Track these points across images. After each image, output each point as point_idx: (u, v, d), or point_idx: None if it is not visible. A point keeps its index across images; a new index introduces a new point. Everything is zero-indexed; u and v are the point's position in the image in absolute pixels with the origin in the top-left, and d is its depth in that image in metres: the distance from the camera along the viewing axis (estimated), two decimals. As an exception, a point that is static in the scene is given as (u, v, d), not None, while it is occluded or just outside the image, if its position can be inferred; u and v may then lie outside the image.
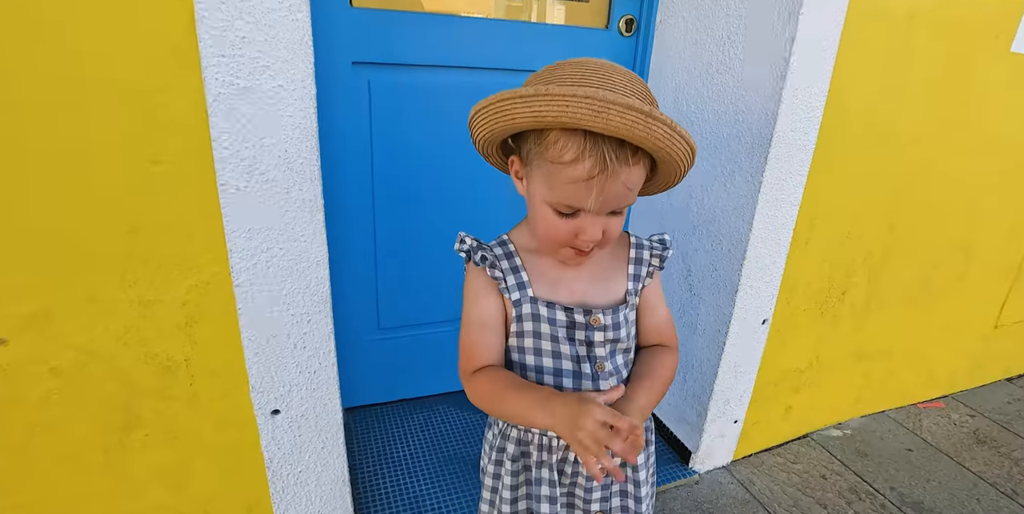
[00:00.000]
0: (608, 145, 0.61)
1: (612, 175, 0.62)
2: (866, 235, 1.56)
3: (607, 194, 0.64)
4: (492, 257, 0.75)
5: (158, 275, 0.86)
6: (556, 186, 0.65)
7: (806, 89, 1.23)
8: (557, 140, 0.63)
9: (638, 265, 0.81)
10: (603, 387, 0.78)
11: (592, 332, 0.76)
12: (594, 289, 0.78)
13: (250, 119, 0.81)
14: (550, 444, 0.80)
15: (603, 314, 0.75)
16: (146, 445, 0.97)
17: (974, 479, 1.68)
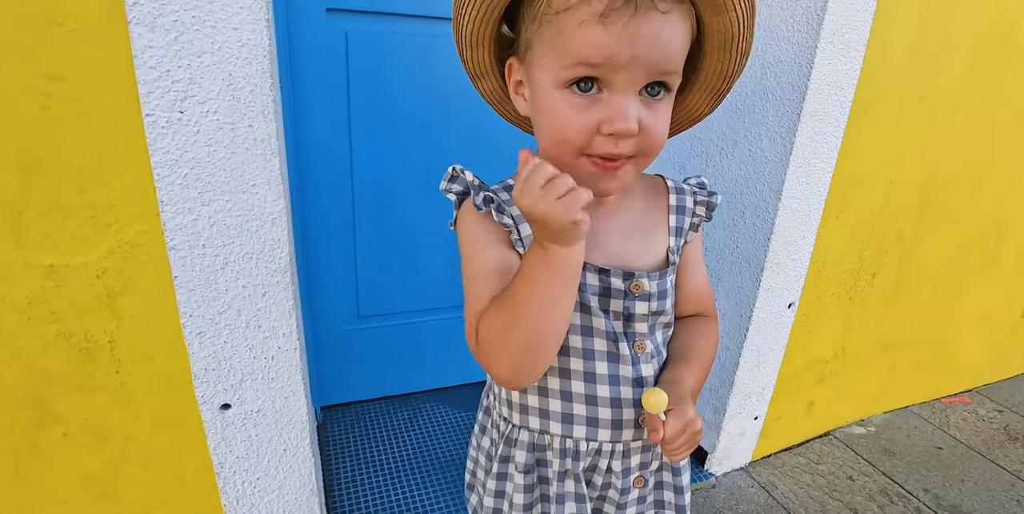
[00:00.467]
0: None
1: (645, 9, 0.45)
2: (898, 212, 1.41)
3: (644, 39, 0.46)
4: (499, 199, 0.56)
5: (64, 232, 0.67)
6: (567, 41, 0.48)
7: (843, 36, 1.08)
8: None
9: (680, 215, 0.64)
10: (644, 373, 0.61)
11: (633, 302, 0.59)
12: (630, 246, 0.61)
13: (183, 29, 0.64)
14: (576, 448, 0.62)
15: (647, 278, 0.58)
16: (65, 447, 0.78)
17: (1011, 479, 1.54)
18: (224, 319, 0.78)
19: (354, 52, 1.23)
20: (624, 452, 0.63)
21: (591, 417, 0.61)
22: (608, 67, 0.47)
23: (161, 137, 0.67)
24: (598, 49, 0.46)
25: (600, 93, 0.49)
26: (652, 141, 0.51)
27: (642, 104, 0.50)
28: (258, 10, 0.67)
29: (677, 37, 0.48)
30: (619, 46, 0.46)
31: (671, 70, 0.49)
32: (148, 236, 0.71)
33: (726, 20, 0.50)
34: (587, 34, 0.46)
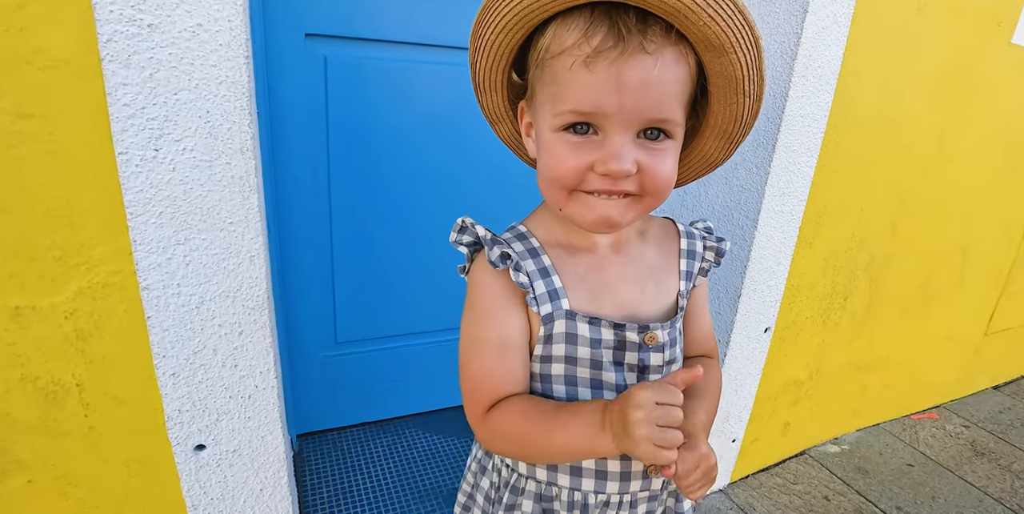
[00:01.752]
0: (623, 14, 0.46)
1: (631, 53, 0.46)
2: (869, 238, 1.45)
3: (630, 83, 0.46)
4: (516, 256, 0.56)
5: (30, 273, 0.65)
6: (559, 88, 0.48)
7: (816, 69, 1.11)
8: (557, 28, 0.48)
9: (691, 260, 0.64)
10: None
11: (648, 353, 0.58)
12: (644, 295, 0.61)
13: (159, 67, 0.62)
14: (584, 500, 0.61)
15: (660, 329, 0.58)
16: (30, 495, 0.75)
17: (979, 495, 1.58)
18: (199, 359, 0.75)
19: (332, 76, 1.22)
20: (631, 503, 0.63)
21: (600, 470, 0.61)
22: (598, 114, 0.48)
23: (135, 175, 0.65)
24: (587, 97, 0.47)
25: (595, 135, 0.50)
26: (655, 182, 0.51)
27: (640, 146, 0.50)
28: (237, 47, 0.66)
29: (669, 81, 0.48)
30: (607, 93, 0.46)
31: (665, 117, 0.49)
32: (120, 276, 0.69)
33: (728, 63, 0.48)
34: (576, 80, 0.47)
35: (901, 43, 1.26)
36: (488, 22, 0.51)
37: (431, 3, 1.23)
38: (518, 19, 0.49)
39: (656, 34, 0.46)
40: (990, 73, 1.49)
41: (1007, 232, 1.83)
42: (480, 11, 0.52)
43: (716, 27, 0.45)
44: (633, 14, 0.46)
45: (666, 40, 0.47)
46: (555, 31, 0.49)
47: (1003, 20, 1.44)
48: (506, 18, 0.49)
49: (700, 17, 0.44)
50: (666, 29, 0.47)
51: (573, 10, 0.48)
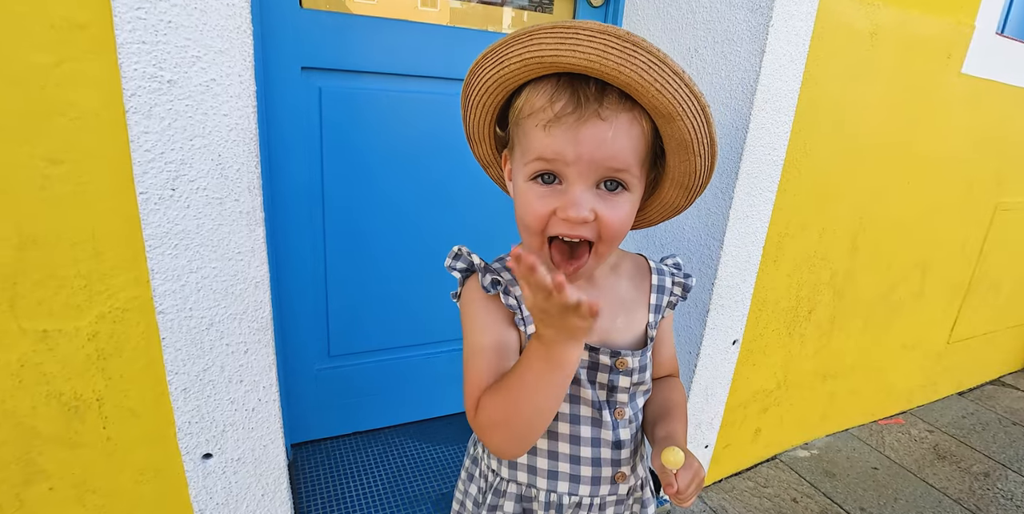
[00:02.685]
0: (585, 84, 0.54)
1: (589, 116, 0.53)
2: (831, 254, 1.54)
3: (586, 142, 0.53)
4: (506, 282, 0.63)
5: (58, 299, 0.72)
6: (529, 143, 0.56)
7: (775, 102, 1.20)
8: (530, 92, 0.56)
9: (660, 294, 0.71)
10: (622, 436, 0.68)
11: (617, 376, 0.66)
12: (616, 324, 0.68)
13: (177, 117, 0.70)
14: (559, 502, 0.69)
15: (631, 356, 0.66)
16: (51, 501, 0.82)
17: (938, 496, 1.67)
18: (208, 375, 0.83)
19: (327, 106, 1.30)
20: (600, 505, 0.71)
21: (574, 474, 0.68)
22: (560, 162, 0.55)
23: (153, 212, 0.73)
24: (550, 148, 0.55)
25: (560, 185, 0.57)
26: (608, 229, 0.57)
27: (598, 196, 0.56)
28: (247, 98, 0.74)
29: (623, 140, 0.55)
30: (566, 146, 0.54)
31: (619, 168, 0.55)
32: (138, 301, 0.77)
33: (677, 128, 0.55)
34: (542, 135, 0.55)
35: (856, 76, 1.36)
36: (474, 84, 0.60)
37: (416, 38, 1.32)
38: (497, 84, 0.58)
39: (612, 101, 0.54)
40: (943, 100, 1.60)
41: (964, 248, 1.95)
42: (468, 74, 0.60)
43: (663, 98, 0.52)
44: (593, 84, 0.54)
45: (621, 106, 0.54)
46: (527, 95, 0.57)
47: (952, 52, 1.56)
48: (488, 82, 0.58)
49: (648, 90, 0.52)
50: (622, 96, 0.54)
51: (545, 77, 0.56)
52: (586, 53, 0.50)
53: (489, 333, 0.63)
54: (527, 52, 0.53)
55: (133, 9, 0.65)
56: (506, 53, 0.55)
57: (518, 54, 0.54)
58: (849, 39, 1.31)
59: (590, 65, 0.51)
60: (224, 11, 0.69)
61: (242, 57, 0.72)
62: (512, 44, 0.54)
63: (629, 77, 0.51)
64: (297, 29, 1.21)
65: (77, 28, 0.65)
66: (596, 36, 0.50)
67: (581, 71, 0.53)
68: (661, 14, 1.38)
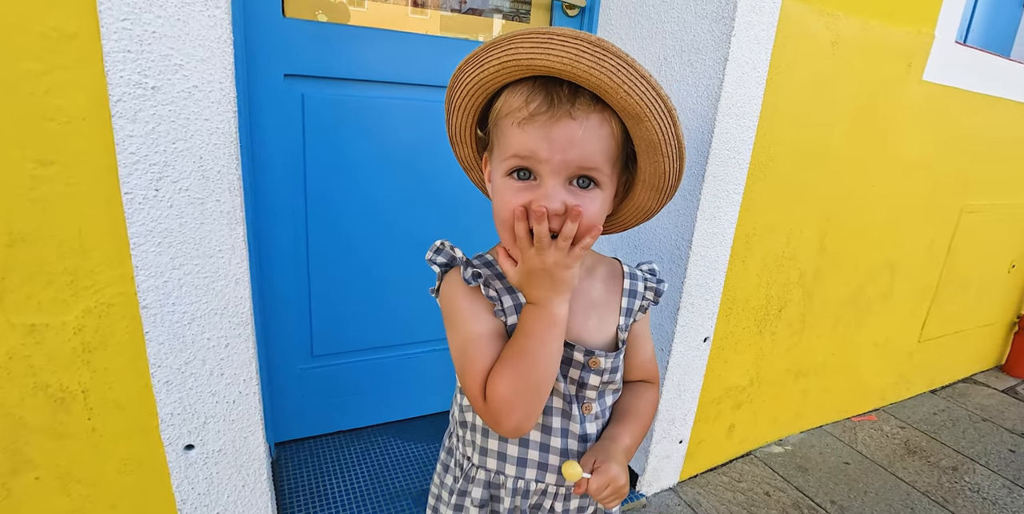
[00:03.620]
0: (558, 86, 0.58)
1: (561, 115, 0.57)
2: (799, 255, 1.60)
3: (558, 140, 0.57)
4: (486, 275, 0.67)
5: (46, 295, 0.76)
6: (506, 140, 0.60)
7: (739, 108, 1.26)
8: (507, 94, 0.60)
9: (632, 298, 0.75)
10: (588, 430, 0.72)
11: (588, 374, 0.70)
12: (588, 324, 0.71)
13: (160, 121, 0.74)
14: (526, 488, 0.73)
15: (604, 357, 0.70)
16: (37, 491, 0.85)
17: (907, 489, 1.72)
18: (190, 368, 0.86)
19: (309, 112, 1.34)
20: (565, 495, 0.74)
21: (542, 462, 0.72)
22: (534, 159, 0.59)
23: (138, 212, 0.77)
24: (524, 145, 0.58)
25: (534, 181, 0.60)
26: (583, 224, 0.59)
27: (570, 192, 0.60)
28: (227, 104, 0.78)
29: (593, 139, 0.58)
30: (539, 144, 0.58)
31: (590, 166, 0.59)
32: (123, 297, 0.80)
33: (645, 129, 0.57)
34: (518, 133, 0.59)
35: (818, 82, 1.42)
36: (457, 87, 0.64)
37: (398, 45, 1.37)
38: (478, 86, 0.62)
39: (584, 102, 0.58)
40: (906, 106, 1.66)
41: (931, 249, 2.01)
42: (451, 78, 0.64)
43: (631, 100, 0.56)
44: (566, 86, 0.58)
45: (592, 107, 0.58)
46: (506, 97, 0.61)
47: (913, 61, 1.62)
48: (469, 85, 0.62)
49: (617, 91, 0.55)
50: (593, 98, 0.58)
51: (522, 80, 0.60)
52: (559, 56, 0.54)
53: (481, 321, 0.65)
54: (505, 56, 0.57)
55: (119, 20, 0.70)
56: (486, 57, 0.59)
57: (497, 58, 0.58)
58: (811, 48, 1.37)
59: (563, 68, 0.55)
60: (205, 22, 0.74)
61: (222, 65, 0.76)
62: (492, 49, 0.58)
63: (599, 79, 0.55)
64: (280, 37, 1.26)
65: (66, 38, 0.69)
66: (569, 41, 0.54)
67: (555, 74, 0.57)
68: (632, 24, 1.44)
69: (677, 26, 1.31)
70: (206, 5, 0.73)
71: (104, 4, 0.68)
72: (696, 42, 1.26)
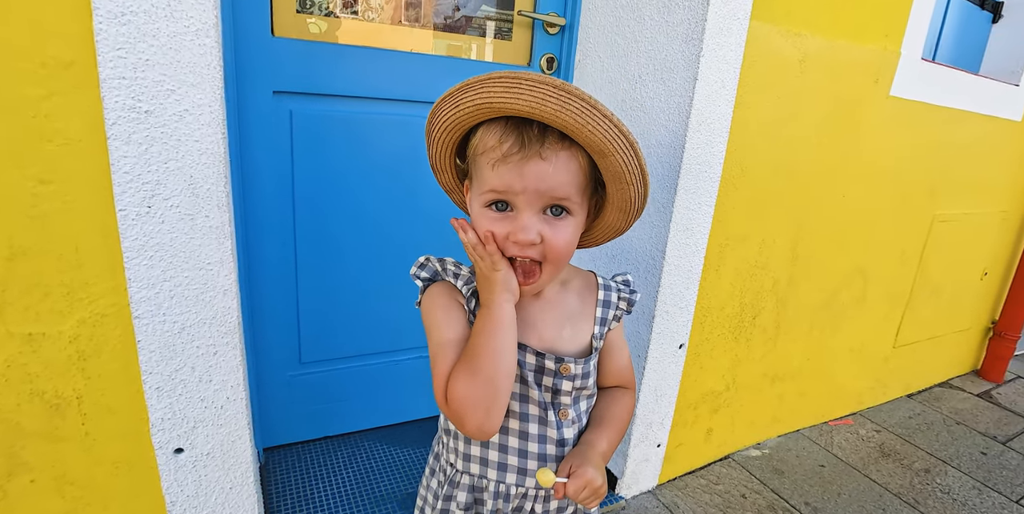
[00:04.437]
0: (529, 127, 0.63)
1: (532, 155, 0.62)
2: (772, 263, 1.66)
3: (530, 176, 0.62)
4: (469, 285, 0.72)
5: (44, 306, 0.80)
6: (483, 176, 0.65)
7: (709, 125, 1.32)
8: (482, 131, 0.65)
9: (606, 308, 0.79)
10: (566, 435, 0.76)
11: (561, 380, 0.74)
12: (562, 334, 0.76)
13: (152, 143, 0.79)
14: (507, 492, 0.77)
15: (574, 363, 0.74)
16: (32, 492, 0.89)
17: (880, 491, 1.78)
18: (180, 375, 0.91)
19: (298, 128, 1.39)
20: (546, 498, 0.79)
21: (521, 467, 0.76)
22: (509, 193, 0.64)
23: (131, 227, 0.82)
24: (500, 181, 0.64)
25: (512, 212, 0.66)
26: (553, 251, 0.66)
27: (545, 221, 0.66)
28: (216, 126, 0.83)
29: (562, 173, 0.64)
30: (512, 179, 0.63)
31: (562, 197, 0.64)
32: (116, 307, 0.85)
33: (610, 162, 0.63)
34: (493, 171, 0.64)
35: (787, 98, 1.49)
36: (435, 123, 0.69)
37: (384, 63, 1.43)
38: (454, 124, 0.67)
39: (552, 141, 0.63)
40: (874, 121, 1.73)
41: (904, 256, 2.08)
42: (430, 114, 0.69)
43: (595, 137, 0.61)
44: (536, 126, 0.63)
45: (560, 145, 0.64)
46: (481, 135, 0.66)
47: (880, 77, 1.69)
48: (446, 123, 0.67)
49: (582, 131, 0.61)
50: (562, 136, 0.64)
51: (496, 119, 0.65)
52: (528, 101, 0.59)
53: (453, 329, 0.71)
54: (479, 98, 0.62)
55: (115, 49, 0.75)
56: (461, 99, 0.64)
57: (471, 100, 0.63)
58: (779, 66, 1.43)
59: (532, 110, 0.60)
60: (196, 50, 0.79)
61: (212, 89, 0.81)
62: (466, 90, 0.63)
63: (565, 120, 0.60)
64: (269, 56, 1.31)
65: (65, 66, 0.74)
66: (536, 85, 0.59)
67: (525, 115, 0.62)
68: (609, 42, 1.50)
69: (651, 46, 1.37)
70: (197, 35, 0.78)
71: (101, 35, 0.73)
72: (668, 62, 1.33)
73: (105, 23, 0.74)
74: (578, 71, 1.62)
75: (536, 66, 1.62)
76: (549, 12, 1.58)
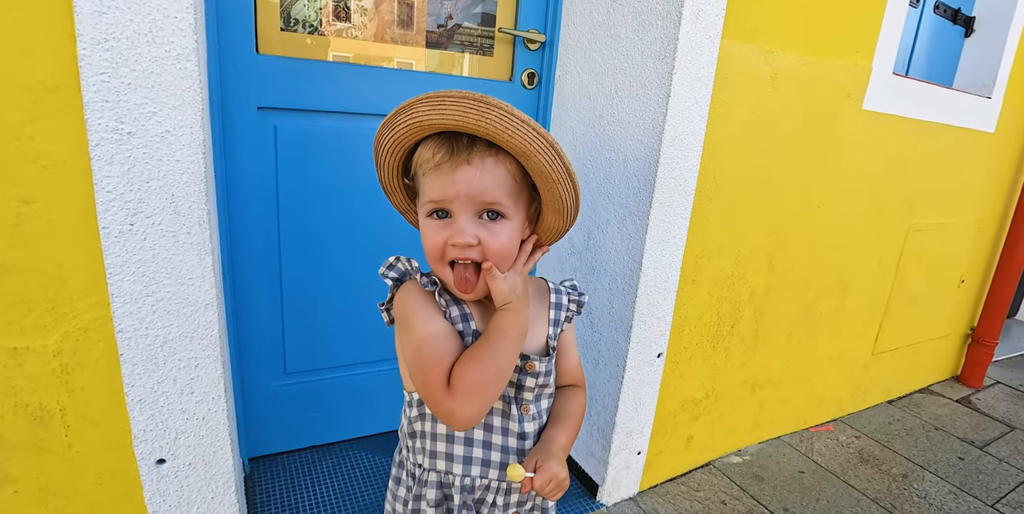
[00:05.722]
0: (458, 138, 0.68)
1: (461, 162, 0.68)
2: (749, 274, 1.70)
3: (461, 181, 0.68)
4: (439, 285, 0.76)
5: (28, 321, 0.83)
6: (424, 188, 0.71)
7: (683, 139, 1.36)
8: (421, 149, 0.71)
9: (558, 310, 0.85)
10: (526, 429, 0.81)
11: (525, 377, 0.79)
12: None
13: (135, 163, 0.82)
14: (472, 484, 0.81)
15: (539, 361, 0.79)
16: (15, 504, 0.91)
17: (858, 496, 1.81)
18: (162, 387, 0.93)
19: (282, 143, 1.42)
20: (506, 490, 0.83)
21: (485, 459, 0.81)
22: (445, 201, 0.70)
23: (114, 244, 0.84)
24: (436, 190, 0.70)
25: (450, 219, 0.71)
26: (491, 252, 0.71)
27: (480, 225, 0.71)
28: (197, 146, 0.86)
29: (490, 178, 0.69)
30: (445, 187, 0.69)
31: (492, 201, 0.69)
32: (99, 322, 0.87)
33: (534, 163, 0.68)
34: (429, 181, 0.70)
35: (760, 113, 1.53)
36: (379, 148, 0.74)
37: (367, 78, 1.46)
38: (394, 145, 0.72)
39: (480, 149, 0.69)
40: (847, 134, 1.78)
41: (880, 265, 2.12)
42: (374, 140, 0.74)
43: (516, 141, 0.66)
44: (465, 137, 0.69)
45: (487, 152, 0.69)
46: (420, 151, 0.72)
47: (852, 91, 1.74)
48: (387, 145, 0.73)
49: (502, 136, 0.66)
50: (489, 145, 0.69)
51: (431, 136, 0.71)
52: (451, 115, 0.65)
53: (435, 323, 0.74)
54: (409, 119, 0.68)
55: (98, 74, 0.78)
56: (396, 121, 0.69)
57: (404, 122, 0.68)
58: (751, 82, 1.48)
59: (456, 123, 0.66)
60: (177, 74, 0.82)
61: (192, 111, 0.84)
62: (399, 114, 0.69)
63: (486, 128, 0.66)
64: (253, 72, 1.34)
65: (49, 90, 0.77)
66: (458, 100, 0.65)
67: (451, 128, 0.68)
68: (587, 59, 1.54)
69: (626, 63, 1.41)
70: (178, 59, 0.81)
71: (85, 60, 0.76)
72: (643, 78, 1.37)
73: (89, 49, 0.77)
74: (558, 86, 1.66)
75: (518, 81, 1.65)
76: (529, 29, 1.62)
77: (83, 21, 0.76)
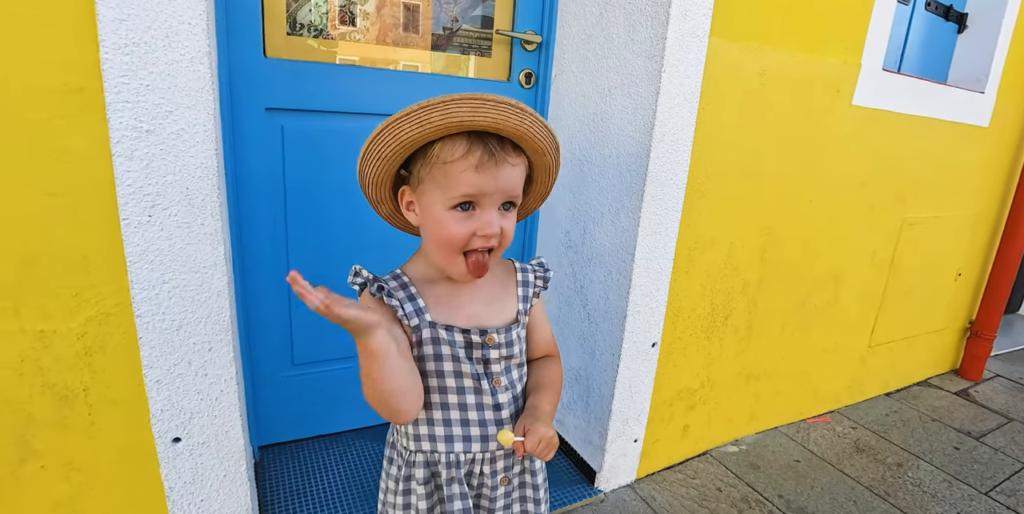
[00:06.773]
0: (490, 139, 0.75)
1: (501, 163, 0.75)
2: (742, 266, 1.74)
3: (502, 179, 0.75)
4: (388, 287, 0.81)
5: (55, 306, 0.89)
6: (454, 181, 0.75)
7: (673, 135, 1.41)
8: (444, 144, 0.75)
9: (525, 287, 0.91)
10: (500, 400, 0.86)
11: (488, 350, 0.85)
12: (488, 312, 0.87)
13: (153, 159, 0.89)
14: (457, 460, 0.86)
15: (496, 333, 0.85)
16: (41, 478, 0.97)
17: (852, 484, 1.85)
18: (178, 369, 0.99)
19: (289, 143, 1.49)
20: (491, 459, 0.89)
21: (466, 435, 0.86)
22: (480, 195, 0.76)
23: (133, 234, 0.91)
24: (474, 187, 0.75)
25: (474, 211, 0.77)
26: (507, 238, 0.80)
27: (500, 215, 0.79)
28: (210, 143, 0.92)
29: (518, 176, 0.79)
30: (485, 184, 0.75)
31: (516, 194, 0.79)
32: (120, 307, 0.94)
33: (544, 160, 0.82)
34: (467, 178, 0.75)
35: (750, 109, 1.58)
36: (389, 141, 0.75)
37: (371, 80, 1.53)
38: (415, 140, 0.74)
39: (510, 150, 0.77)
40: (838, 129, 1.82)
41: (875, 259, 2.16)
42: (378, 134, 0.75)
43: (542, 143, 0.78)
44: (494, 138, 0.76)
45: (516, 152, 0.78)
46: (443, 146, 0.75)
47: (842, 87, 1.79)
48: (406, 139, 0.74)
49: (534, 138, 0.77)
50: (514, 145, 0.78)
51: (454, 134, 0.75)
52: (494, 117, 0.72)
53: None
54: (448, 117, 0.71)
55: (119, 76, 0.84)
56: (427, 117, 0.72)
57: (440, 118, 0.72)
58: (740, 79, 1.53)
59: (498, 125, 0.73)
60: (191, 76, 0.88)
61: (205, 111, 0.91)
62: (431, 111, 0.71)
63: (523, 132, 0.75)
64: (261, 75, 1.41)
65: (74, 92, 0.84)
66: (498, 105, 0.72)
67: (491, 130, 0.74)
68: (581, 58, 1.60)
69: (618, 62, 1.47)
70: (191, 62, 0.88)
71: (107, 64, 0.83)
72: (634, 77, 1.42)
73: (111, 53, 0.83)
74: (554, 86, 1.72)
75: (516, 81, 1.71)
76: (526, 30, 1.68)
77: (105, 28, 0.82)
